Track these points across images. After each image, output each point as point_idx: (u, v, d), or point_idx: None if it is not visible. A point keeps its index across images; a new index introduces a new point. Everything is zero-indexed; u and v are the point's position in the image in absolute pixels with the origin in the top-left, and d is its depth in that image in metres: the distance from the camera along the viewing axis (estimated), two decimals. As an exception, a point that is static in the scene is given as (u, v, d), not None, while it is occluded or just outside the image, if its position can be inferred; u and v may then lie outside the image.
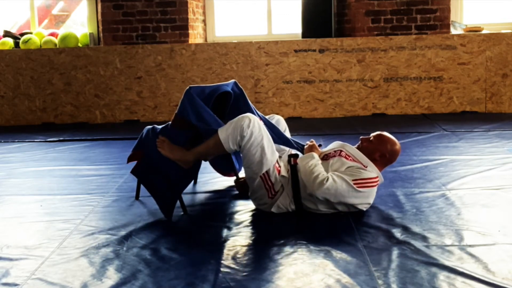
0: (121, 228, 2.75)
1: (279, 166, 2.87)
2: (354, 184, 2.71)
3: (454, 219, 2.71)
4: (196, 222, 2.86)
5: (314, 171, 2.73)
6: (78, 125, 5.85)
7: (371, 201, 2.84)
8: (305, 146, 2.98)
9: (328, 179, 2.69)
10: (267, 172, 2.79)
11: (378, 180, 2.83)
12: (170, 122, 3.00)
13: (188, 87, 2.90)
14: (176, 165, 2.90)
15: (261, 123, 2.84)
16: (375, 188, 2.83)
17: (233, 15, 6.71)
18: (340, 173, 2.75)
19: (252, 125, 2.74)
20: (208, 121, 2.84)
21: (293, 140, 3.10)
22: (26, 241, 2.61)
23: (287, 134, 3.24)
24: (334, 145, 3.02)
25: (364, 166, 2.81)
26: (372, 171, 2.81)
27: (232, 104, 3.11)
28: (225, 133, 2.76)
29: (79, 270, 2.28)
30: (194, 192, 3.31)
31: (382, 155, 2.89)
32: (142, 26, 5.99)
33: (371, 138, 2.95)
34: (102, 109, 5.92)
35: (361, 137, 2.99)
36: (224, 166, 3.38)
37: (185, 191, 3.05)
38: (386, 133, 2.98)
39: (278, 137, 3.01)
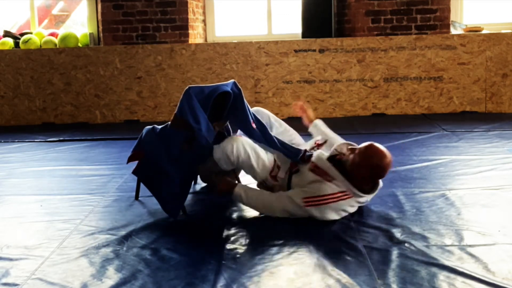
0: (121, 228, 2.75)
1: (278, 170, 2.91)
2: (304, 201, 2.68)
3: (454, 219, 2.71)
4: (196, 222, 2.86)
5: (273, 208, 2.80)
6: (78, 125, 5.84)
7: (332, 217, 2.69)
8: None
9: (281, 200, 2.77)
10: (262, 180, 2.95)
11: (342, 196, 2.68)
12: (169, 122, 2.99)
13: (187, 87, 2.89)
14: (176, 167, 2.90)
15: (247, 140, 2.86)
16: (339, 203, 2.68)
17: (233, 15, 6.70)
18: (294, 191, 2.77)
19: (236, 149, 2.79)
20: (202, 124, 2.82)
21: (285, 146, 2.99)
22: (26, 241, 2.61)
23: (274, 122, 3.25)
24: (333, 139, 3.09)
25: (329, 179, 2.70)
26: (338, 185, 2.68)
27: (231, 104, 3.10)
28: (217, 155, 2.86)
29: (79, 270, 2.28)
30: (194, 192, 3.31)
31: (363, 178, 2.68)
32: (142, 26, 5.98)
33: (357, 151, 2.71)
34: (102, 109, 5.92)
35: (349, 147, 2.80)
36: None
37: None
38: (374, 148, 2.69)
39: (269, 143, 2.95)
